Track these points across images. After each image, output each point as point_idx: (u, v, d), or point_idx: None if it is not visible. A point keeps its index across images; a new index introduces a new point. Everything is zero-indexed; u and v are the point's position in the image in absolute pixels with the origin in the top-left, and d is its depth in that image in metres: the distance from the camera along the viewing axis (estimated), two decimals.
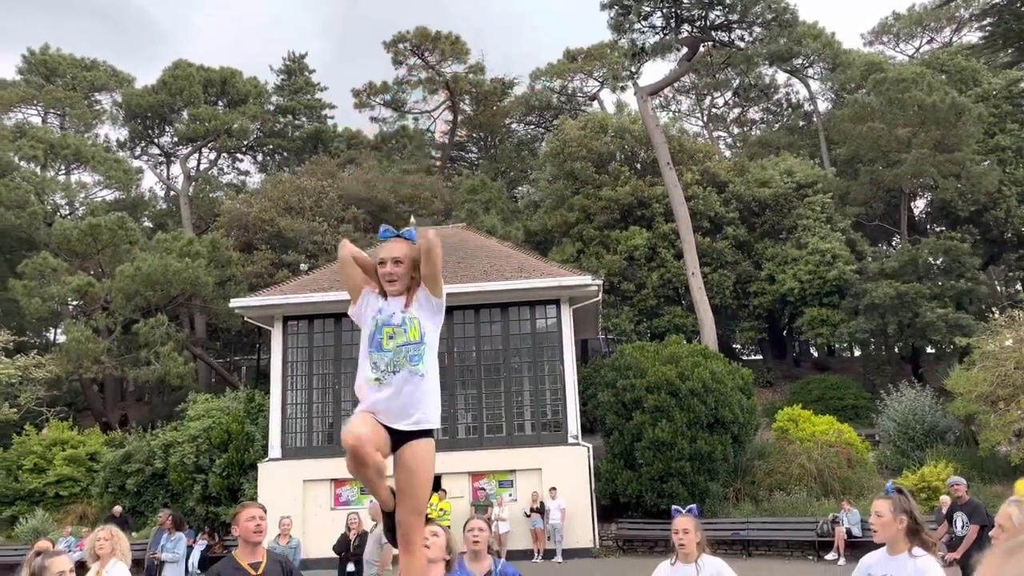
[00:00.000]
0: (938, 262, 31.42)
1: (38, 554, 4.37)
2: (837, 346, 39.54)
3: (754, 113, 51.36)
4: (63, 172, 43.56)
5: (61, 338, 35.63)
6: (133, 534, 20.68)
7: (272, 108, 49.50)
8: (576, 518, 19.83)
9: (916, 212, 40.69)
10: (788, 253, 32.66)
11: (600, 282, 22.43)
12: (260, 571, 4.87)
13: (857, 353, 38.56)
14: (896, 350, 33.44)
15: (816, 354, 40.37)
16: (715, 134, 52.03)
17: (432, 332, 3.49)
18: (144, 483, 23.35)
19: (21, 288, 30.73)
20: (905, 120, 32.60)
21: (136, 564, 6.81)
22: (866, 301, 29.34)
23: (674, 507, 5.31)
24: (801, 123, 47.95)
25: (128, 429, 26.96)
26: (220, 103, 46.15)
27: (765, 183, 34.98)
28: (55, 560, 4.18)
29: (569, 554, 19.38)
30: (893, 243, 41.44)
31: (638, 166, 37.04)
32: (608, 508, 21.16)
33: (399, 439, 3.41)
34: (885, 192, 35.34)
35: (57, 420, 28.00)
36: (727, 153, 48.35)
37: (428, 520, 5.43)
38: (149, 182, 67.64)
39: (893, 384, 24.98)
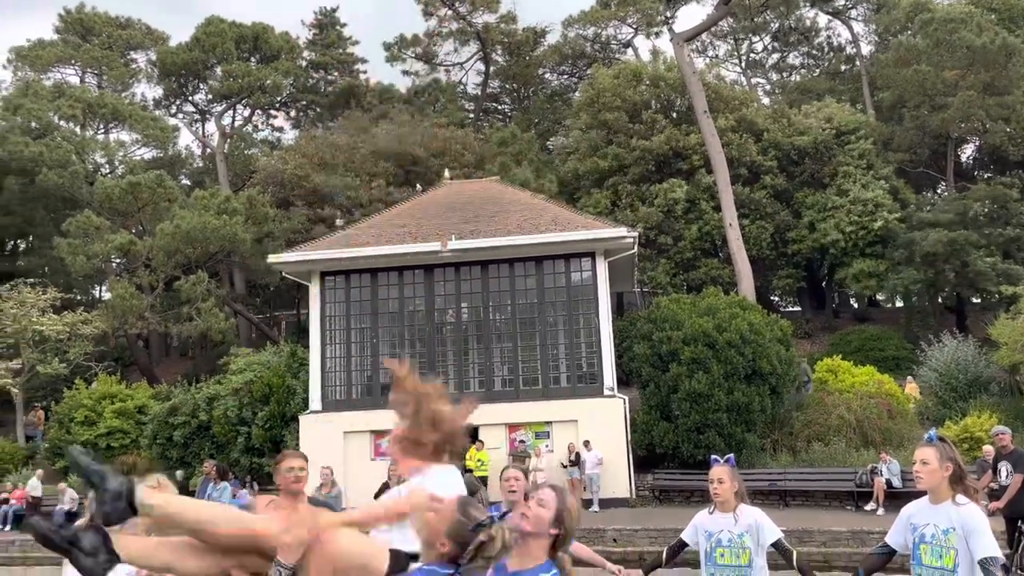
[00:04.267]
0: (985, 210, 30.54)
1: None
2: (881, 297, 38.90)
3: (794, 58, 49.89)
4: (102, 131, 44.06)
5: (106, 295, 36.46)
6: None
7: (304, 63, 49.33)
8: (612, 469, 19.99)
9: (963, 158, 39.50)
10: (829, 200, 31.94)
11: (636, 234, 22.21)
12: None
13: (899, 304, 37.88)
14: (940, 300, 32.78)
15: (856, 305, 39.73)
16: (753, 80, 50.69)
17: None
18: (190, 435, 23.98)
19: (66, 246, 31.39)
20: (952, 62, 31.45)
21: None
22: (915, 251, 28.67)
23: (712, 456, 5.29)
24: (843, 68, 46.49)
25: (173, 383, 27.62)
26: (253, 59, 46.06)
27: (804, 131, 34.13)
28: None
29: (606, 504, 19.59)
30: (938, 190, 40.34)
31: (674, 115, 36.36)
32: (644, 459, 21.27)
33: None
34: (931, 138, 34.30)
35: (105, 375, 28.81)
36: (765, 100, 47.16)
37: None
38: (185, 140, 68.38)
39: (936, 335, 24.53)
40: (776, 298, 40.79)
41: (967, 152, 40.04)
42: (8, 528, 22.10)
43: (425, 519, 2.93)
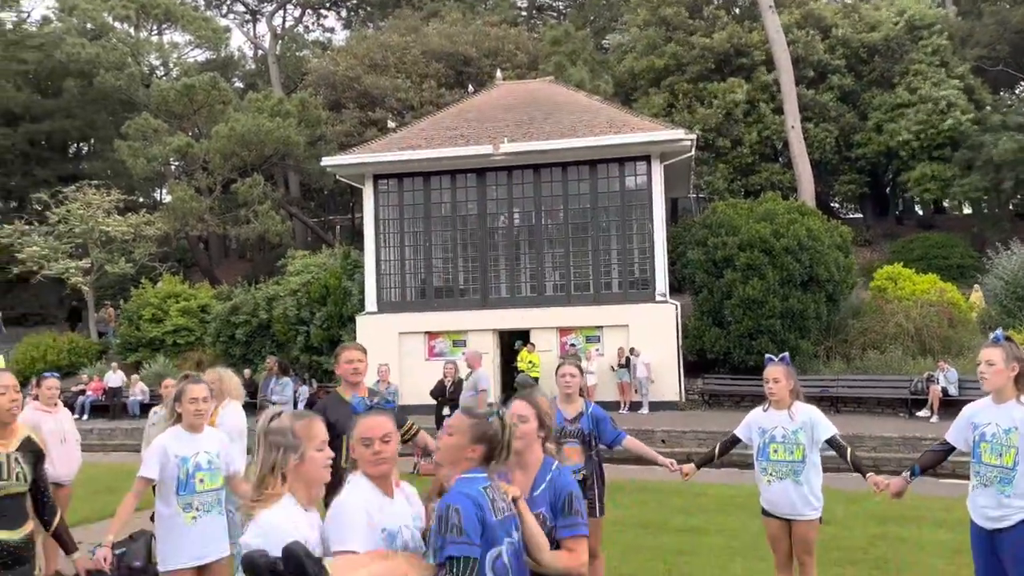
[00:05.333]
0: None
1: (185, 377, 4.70)
2: (947, 204, 37.50)
3: None
4: (155, 33, 44.10)
5: (167, 198, 37.26)
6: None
7: None
8: (662, 373, 20.15)
9: None
10: (898, 98, 30.42)
11: (693, 137, 21.60)
12: (373, 402, 5.15)
13: (968, 211, 36.49)
14: (1011, 207, 31.46)
15: (921, 212, 38.40)
16: None
17: None
18: (251, 333, 24.81)
19: (127, 149, 31.98)
20: None
21: (250, 407, 7.24)
22: (983, 155, 27.39)
23: (767, 356, 5.26)
24: None
25: (234, 284, 28.42)
26: None
27: (875, 25, 32.29)
28: (194, 387, 4.51)
29: (655, 407, 19.86)
30: (1017, 91, 38.14)
31: (736, 10, 34.72)
32: (695, 363, 21.36)
33: None
34: (1012, 33, 32.17)
35: (169, 275, 29.75)
36: None
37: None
38: (237, 42, 67.94)
39: (1004, 243, 23.67)
40: (837, 204, 39.65)
41: None
42: (86, 417, 23.46)
43: (443, 441, 2.91)
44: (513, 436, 2.93)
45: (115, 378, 24.43)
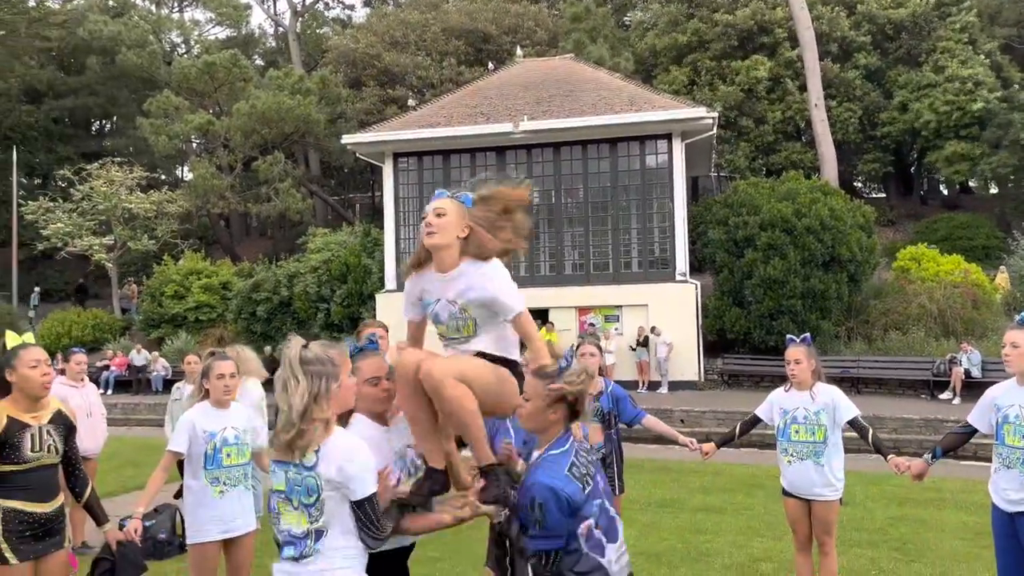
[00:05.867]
0: None
1: (211, 354, 4.76)
2: (973, 184, 36.93)
3: None
4: (176, 10, 44.18)
5: (188, 175, 37.50)
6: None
7: None
8: (682, 353, 20.12)
9: None
10: (925, 78, 29.91)
11: (715, 115, 21.39)
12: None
13: (994, 191, 35.91)
14: None
15: (946, 192, 37.86)
16: None
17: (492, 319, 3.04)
18: (273, 310, 25.01)
19: (149, 126, 32.17)
20: None
21: (269, 383, 7.28)
22: (1011, 135, 26.91)
23: (788, 336, 5.25)
24: None
25: (255, 261, 28.64)
26: None
27: (902, 2, 31.68)
28: (221, 363, 4.57)
29: (674, 386, 19.86)
30: None
31: None
32: (714, 343, 21.31)
33: None
34: None
35: (191, 252, 30.05)
36: None
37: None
38: (257, 19, 67.91)
39: None
40: (860, 184, 39.15)
41: None
42: (109, 392, 23.83)
43: (523, 410, 2.84)
44: (588, 385, 2.84)
45: (139, 358, 24.80)
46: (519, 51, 28.58)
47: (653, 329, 20.02)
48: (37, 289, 34.52)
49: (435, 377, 2.77)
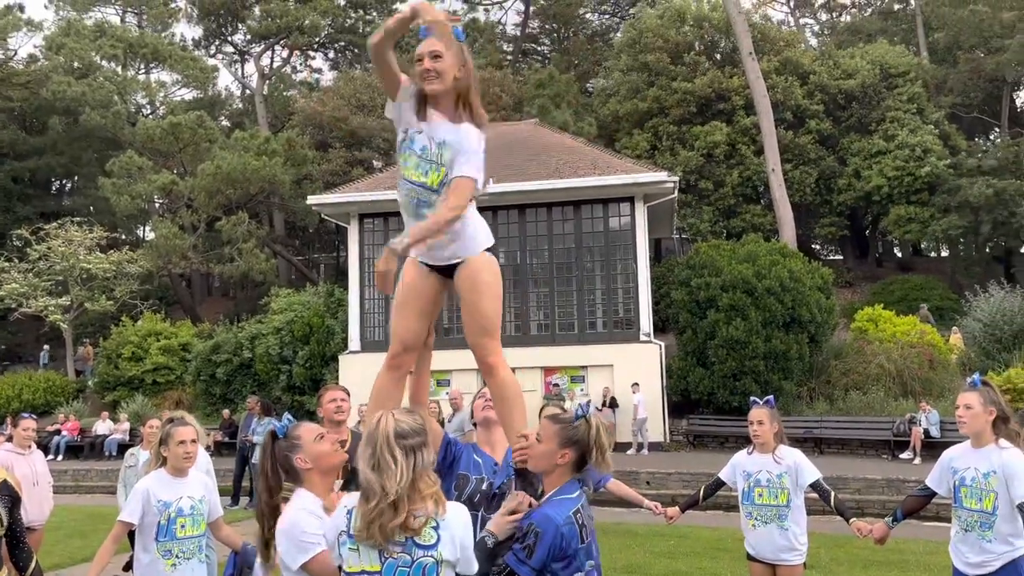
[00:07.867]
0: None
1: (170, 420, 4.64)
2: (924, 245, 38.01)
3: None
4: (143, 71, 44.32)
5: (150, 235, 37.12)
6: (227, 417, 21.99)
7: (343, 3, 48.78)
8: (647, 413, 20.08)
9: (1018, 103, 38.03)
10: (875, 145, 31.04)
11: (676, 179, 21.89)
12: (345, 448, 5.07)
13: (945, 253, 37.02)
14: (987, 250, 31.95)
15: (900, 254, 38.98)
16: (801, 21, 49.07)
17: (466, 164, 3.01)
18: (233, 372, 24.57)
19: (110, 186, 31.92)
20: (1011, 2, 30.05)
21: (230, 447, 7.14)
22: (959, 198, 27.91)
23: (752, 398, 5.29)
24: (896, 6, 44.67)
25: (215, 322, 28.23)
26: None
27: (852, 73, 33.04)
28: (181, 429, 4.46)
29: (639, 447, 19.76)
30: (991, 137, 38.99)
31: (717, 56, 35.39)
32: (679, 404, 21.35)
33: (448, 271, 3.23)
34: (985, 82, 33.04)
35: (151, 312, 29.53)
36: (813, 42, 45.69)
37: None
38: (225, 81, 68.42)
39: (981, 285, 24.00)
40: (818, 246, 40.11)
41: (1022, 97, 38.50)
42: (60, 458, 23.01)
43: (535, 450, 2.84)
44: (601, 436, 2.89)
45: (103, 426, 23.94)
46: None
47: (635, 385, 19.84)
48: None
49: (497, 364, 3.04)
